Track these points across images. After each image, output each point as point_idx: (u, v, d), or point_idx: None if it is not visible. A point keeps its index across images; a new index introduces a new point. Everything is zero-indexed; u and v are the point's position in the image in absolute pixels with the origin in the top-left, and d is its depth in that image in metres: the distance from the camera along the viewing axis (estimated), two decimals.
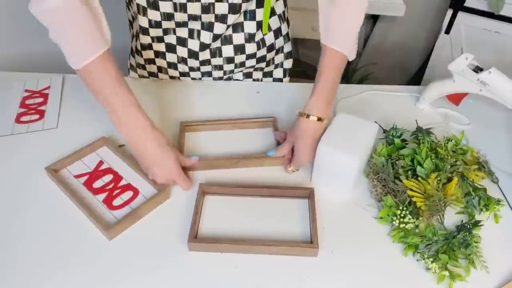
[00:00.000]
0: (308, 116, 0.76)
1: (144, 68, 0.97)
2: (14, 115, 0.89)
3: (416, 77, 2.05)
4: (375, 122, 0.76)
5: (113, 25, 0.86)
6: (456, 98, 0.92)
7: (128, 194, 0.73)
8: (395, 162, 0.75)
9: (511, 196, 0.76)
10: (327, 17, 0.78)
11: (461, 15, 1.59)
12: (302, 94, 0.97)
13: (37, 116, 0.89)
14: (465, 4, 1.57)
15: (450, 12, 1.61)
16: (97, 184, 0.75)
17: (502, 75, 0.80)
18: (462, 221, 0.70)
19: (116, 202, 0.72)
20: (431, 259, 0.63)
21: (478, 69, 0.82)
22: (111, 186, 0.74)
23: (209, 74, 0.96)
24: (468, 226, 0.67)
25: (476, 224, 0.68)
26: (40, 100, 0.93)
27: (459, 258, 0.64)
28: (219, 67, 0.94)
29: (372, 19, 2.01)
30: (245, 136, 0.86)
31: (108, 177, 0.76)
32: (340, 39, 0.78)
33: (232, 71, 0.97)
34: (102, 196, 0.73)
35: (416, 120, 0.84)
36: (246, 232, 0.68)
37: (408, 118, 0.87)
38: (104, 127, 0.85)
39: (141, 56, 0.93)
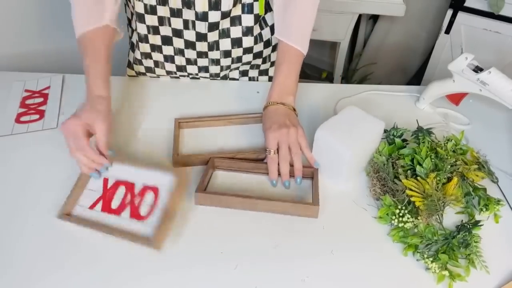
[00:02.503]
0: (265, 107, 0.82)
1: (141, 63, 0.96)
2: (14, 115, 0.89)
3: (416, 77, 2.05)
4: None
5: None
6: (456, 98, 0.92)
7: (150, 196, 0.69)
8: (395, 162, 0.75)
9: (511, 196, 0.76)
10: (283, 13, 0.84)
11: (461, 15, 1.59)
12: (301, 93, 0.97)
13: (37, 116, 0.89)
14: (465, 4, 1.57)
15: (450, 12, 1.61)
16: (115, 203, 0.70)
17: (502, 75, 0.80)
18: (462, 221, 0.70)
19: (143, 210, 0.68)
20: (431, 259, 0.63)
21: (478, 69, 0.82)
22: (129, 198, 0.70)
23: (206, 69, 0.96)
24: (468, 226, 0.67)
25: (476, 224, 0.68)
26: (40, 100, 0.93)
27: (459, 258, 0.64)
28: (216, 62, 0.94)
29: (372, 19, 2.01)
30: (240, 132, 0.87)
31: (121, 191, 0.71)
32: (295, 36, 0.84)
33: (228, 67, 0.96)
34: (127, 212, 0.68)
35: (417, 120, 0.84)
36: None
37: (408, 118, 0.87)
38: None
39: (138, 49, 0.93)
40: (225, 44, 0.91)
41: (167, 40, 0.90)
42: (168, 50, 0.92)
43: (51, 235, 0.67)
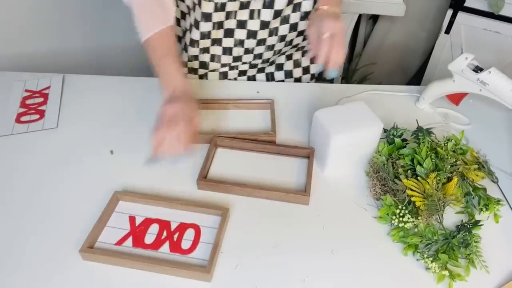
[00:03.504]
0: (315, 10, 0.84)
1: (196, 58, 0.98)
2: (14, 115, 0.89)
3: (416, 77, 2.05)
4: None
5: None
6: (456, 98, 0.92)
7: (191, 233, 0.66)
8: (395, 162, 0.75)
9: (511, 196, 0.76)
10: None
11: (461, 15, 1.59)
12: (300, 93, 0.98)
13: (37, 116, 0.89)
14: (465, 4, 1.57)
15: (450, 12, 1.61)
16: (149, 239, 0.66)
17: (502, 75, 0.80)
18: (462, 221, 0.70)
19: (185, 245, 0.65)
20: (431, 259, 0.63)
21: (478, 69, 0.82)
22: (165, 234, 0.66)
23: (260, 56, 0.97)
24: (468, 226, 0.67)
25: (476, 224, 0.68)
26: (40, 100, 0.93)
27: (459, 257, 0.64)
28: (271, 47, 0.96)
29: (372, 19, 2.01)
30: (245, 116, 0.91)
31: (154, 228, 0.67)
32: None
33: (279, 51, 0.99)
34: (166, 247, 0.65)
35: (417, 120, 0.84)
36: (250, 180, 0.76)
37: (408, 118, 0.87)
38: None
39: (197, 46, 0.94)
40: (283, 29, 0.93)
41: (229, 33, 0.92)
42: (228, 42, 0.94)
43: (54, 234, 0.67)
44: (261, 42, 0.94)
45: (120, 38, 0.90)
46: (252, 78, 1.04)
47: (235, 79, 1.02)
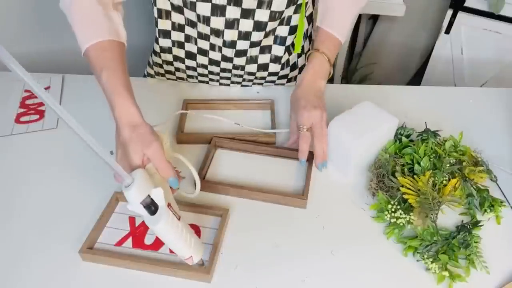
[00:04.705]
0: (298, 86, 0.81)
1: (161, 66, 0.96)
2: (14, 115, 0.89)
3: (416, 77, 2.05)
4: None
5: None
6: None
7: None
8: (396, 160, 0.75)
9: (511, 195, 0.76)
10: (326, 2, 0.84)
11: (461, 15, 1.59)
12: None
13: (37, 116, 0.89)
14: (465, 4, 1.57)
15: (450, 12, 1.61)
16: (149, 239, 0.65)
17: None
18: (462, 221, 0.70)
19: None
20: (431, 260, 0.63)
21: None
22: None
23: (227, 78, 0.95)
24: (468, 227, 0.67)
25: (476, 224, 0.68)
26: (40, 100, 0.93)
27: (459, 258, 0.64)
28: (239, 76, 0.94)
29: (372, 19, 2.01)
30: (244, 116, 0.90)
31: None
32: (335, 24, 0.83)
33: (251, 80, 0.96)
34: (166, 248, 0.64)
35: (425, 122, 0.84)
36: (249, 182, 0.76)
37: (408, 119, 0.87)
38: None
39: (160, 57, 0.92)
40: (251, 67, 0.90)
41: (191, 55, 0.89)
42: (191, 62, 0.91)
43: (51, 234, 0.67)
44: (225, 70, 0.91)
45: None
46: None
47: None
